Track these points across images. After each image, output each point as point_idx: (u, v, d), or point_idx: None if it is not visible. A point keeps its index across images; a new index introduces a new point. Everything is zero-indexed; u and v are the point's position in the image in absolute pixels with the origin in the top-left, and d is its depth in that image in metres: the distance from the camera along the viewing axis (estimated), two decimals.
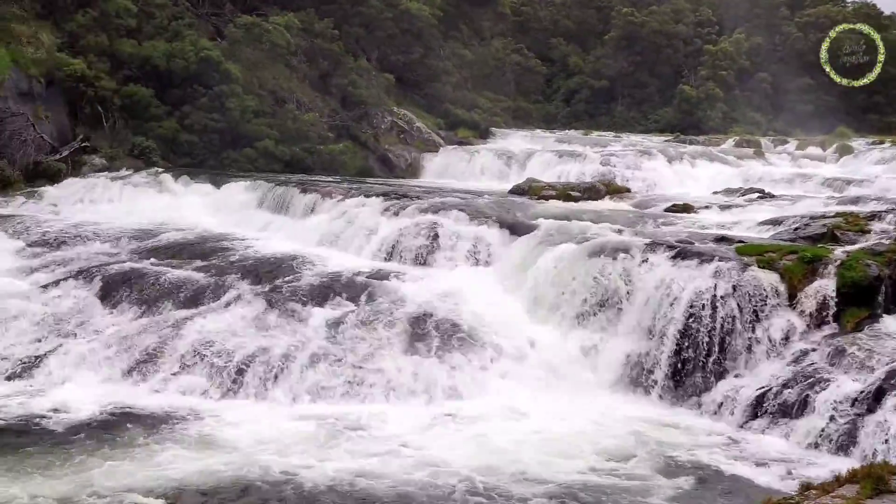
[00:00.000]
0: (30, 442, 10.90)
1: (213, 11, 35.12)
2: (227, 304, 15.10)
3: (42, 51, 27.33)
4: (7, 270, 17.38)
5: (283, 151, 29.91)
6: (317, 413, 12.16)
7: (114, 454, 10.55)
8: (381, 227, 18.76)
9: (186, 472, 10.04)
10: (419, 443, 11.26)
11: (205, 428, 11.52)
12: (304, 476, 10.00)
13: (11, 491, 9.34)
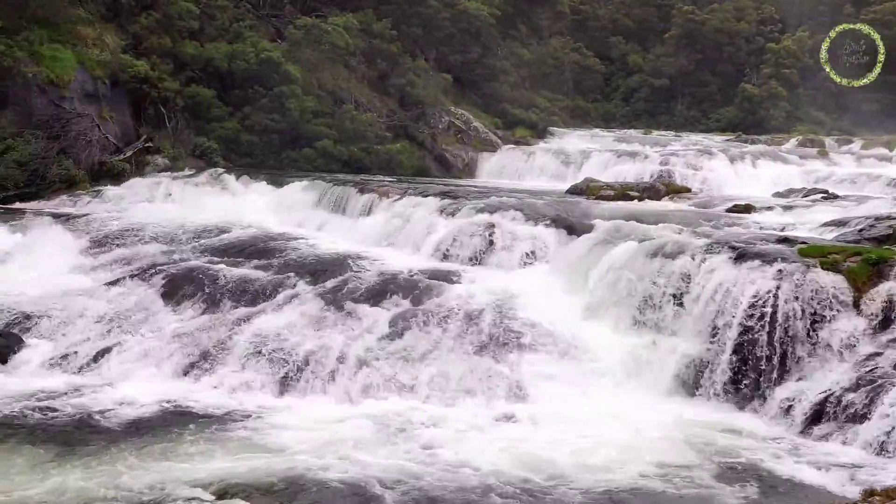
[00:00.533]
0: (90, 435, 11.12)
1: (274, 13, 35.53)
2: (284, 302, 15.25)
3: (107, 53, 27.88)
4: (72, 268, 17.79)
5: (341, 151, 30.13)
6: (372, 412, 12.20)
7: (171, 449, 10.72)
8: (437, 226, 18.78)
9: (241, 468, 10.15)
10: (473, 444, 11.22)
11: (261, 425, 11.64)
12: (359, 475, 10.03)
13: (69, 482, 9.55)
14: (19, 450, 10.49)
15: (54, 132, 24.83)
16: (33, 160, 23.90)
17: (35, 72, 25.19)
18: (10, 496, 9.09)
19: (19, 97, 25.04)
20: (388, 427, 11.69)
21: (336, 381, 13.08)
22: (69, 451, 10.54)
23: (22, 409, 11.93)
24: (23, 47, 25.22)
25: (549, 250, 17.10)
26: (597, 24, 63.02)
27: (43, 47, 26.01)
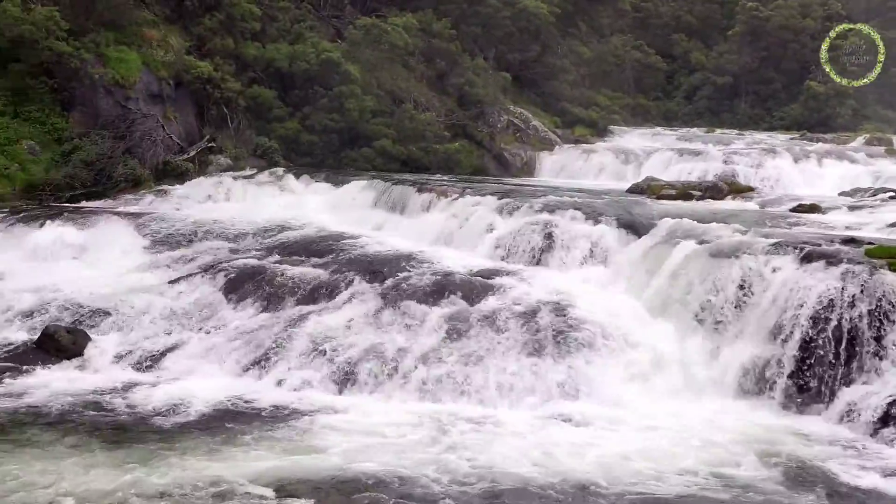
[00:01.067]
0: (152, 431, 11.33)
1: (334, 14, 35.80)
2: (343, 301, 15.36)
3: (171, 54, 28.35)
4: (137, 266, 18.12)
5: (399, 151, 30.23)
6: (429, 411, 12.23)
7: (232, 445, 10.86)
8: (495, 225, 18.74)
9: (300, 465, 10.25)
10: (531, 444, 11.18)
11: (319, 423, 11.73)
12: (415, 475, 10.05)
13: (131, 476, 9.72)
14: (84, 444, 10.71)
15: (120, 132, 25.33)
16: (100, 160, 24.41)
17: (101, 73, 25.72)
18: (72, 490, 9.29)
19: (86, 98, 25.61)
20: (443, 427, 11.69)
21: (393, 380, 13.13)
22: (132, 445, 10.74)
23: (88, 403, 12.20)
24: (90, 49, 25.77)
25: (608, 250, 16.94)
26: (659, 21, 62.25)
27: (109, 49, 26.55)
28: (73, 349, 14.18)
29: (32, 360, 13.93)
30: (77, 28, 25.77)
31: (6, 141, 23.96)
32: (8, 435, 10.93)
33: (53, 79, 25.08)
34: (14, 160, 23.80)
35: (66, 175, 23.90)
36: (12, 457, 10.14)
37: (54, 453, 10.35)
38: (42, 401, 12.26)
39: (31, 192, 23.63)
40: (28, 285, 16.71)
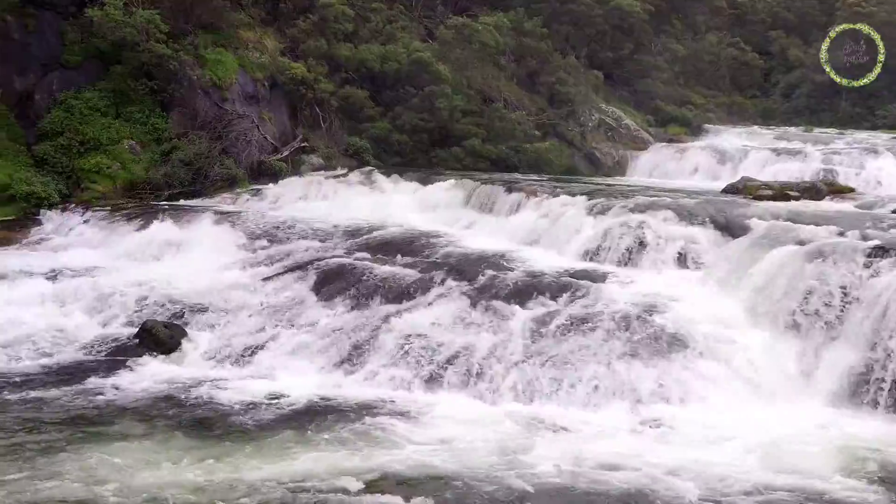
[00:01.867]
0: (244, 425, 11.54)
1: (426, 14, 35.94)
2: (432, 300, 15.39)
3: (266, 56, 28.90)
4: (232, 263, 18.50)
5: (489, 150, 30.17)
6: (517, 412, 12.16)
7: (321, 440, 10.99)
8: (585, 226, 18.53)
9: (388, 462, 10.31)
10: (620, 447, 11.01)
11: (407, 421, 11.78)
12: (502, 475, 10.00)
13: (224, 469, 9.92)
14: (176, 438, 10.97)
15: (217, 133, 25.92)
16: (197, 159, 25.01)
17: (199, 75, 26.37)
18: (164, 481, 9.51)
19: (185, 99, 26.28)
20: (532, 428, 11.62)
21: (481, 380, 13.09)
22: (223, 439, 10.97)
23: (182, 398, 12.51)
24: (188, 52, 26.44)
25: (702, 251, 16.59)
26: (755, 17, 60.70)
27: (207, 51, 27.20)
28: (169, 344, 14.56)
29: (131, 353, 14.36)
30: (176, 31, 26.46)
31: (109, 141, 24.75)
32: (104, 427, 11.27)
33: (153, 80, 25.81)
34: (116, 159, 24.59)
35: (165, 174, 24.57)
36: (107, 448, 10.43)
37: (147, 446, 10.62)
38: (138, 394, 12.62)
39: (132, 191, 24.37)
40: (129, 281, 17.24)
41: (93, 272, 18.12)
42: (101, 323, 15.73)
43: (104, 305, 16.23)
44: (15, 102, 24.98)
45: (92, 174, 24.20)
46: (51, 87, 25.38)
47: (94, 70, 25.94)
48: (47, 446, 10.46)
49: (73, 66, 25.82)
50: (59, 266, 18.68)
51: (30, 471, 9.68)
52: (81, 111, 24.95)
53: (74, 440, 10.68)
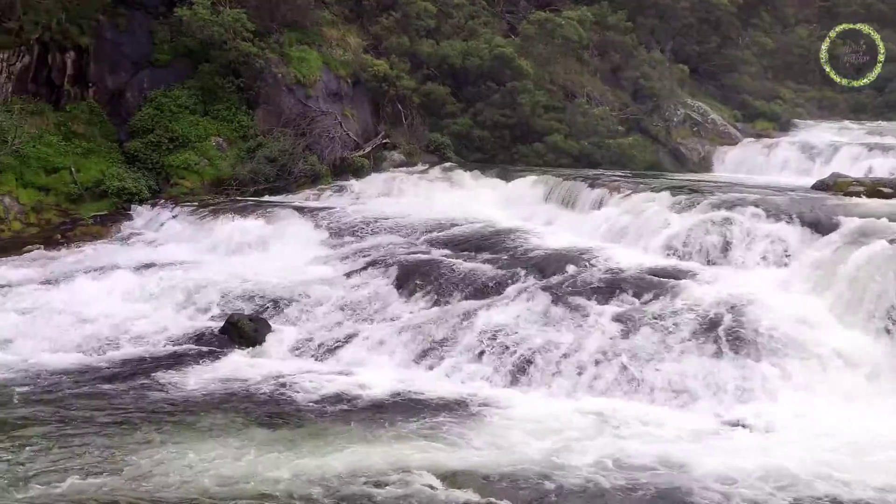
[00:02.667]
0: (325, 419, 11.67)
1: (508, 9, 35.82)
2: (512, 296, 15.34)
3: (349, 53, 29.18)
4: (315, 259, 18.74)
5: (571, 146, 29.93)
6: (598, 409, 12.03)
7: (402, 435, 11.04)
8: (670, 222, 18.21)
9: (467, 457, 10.31)
10: (702, 447, 10.81)
11: (487, 416, 11.77)
12: (583, 473, 9.92)
13: (304, 462, 10.03)
14: (258, 430, 11.14)
15: (301, 130, 26.27)
16: (282, 156, 25.40)
17: (284, 73, 26.77)
18: (245, 473, 9.65)
19: (270, 97, 26.70)
20: (613, 427, 11.49)
21: (562, 377, 13.01)
22: (306, 432, 11.10)
23: (266, 391, 12.71)
24: (274, 50, 26.87)
25: (791, 249, 16.16)
26: (847, 10, 58.85)
27: (292, 49, 27.59)
28: (254, 337, 14.81)
29: (217, 346, 14.67)
30: (262, 29, 26.91)
31: (196, 138, 25.32)
32: (189, 418, 11.51)
33: (240, 78, 26.30)
34: (203, 156, 25.14)
35: (250, 170, 25.01)
36: (191, 440, 10.65)
37: (230, 438, 10.80)
38: (223, 386, 12.87)
39: (219, 187, 24.89)
40: (215, 275, 17.61)
41: (181, 266, 18.55)
42: (189, 316, 16.09)
43: (191, 299, 16.60)
44: (107, 100, 25.76)
45: (180, 170, 24.79)
46: (141, 86, 26.09)
47: (182, 68, 26.57)
48: (142, 437, 10.74)
49: (163, 64, 26.49)
50: (149, 260, 19.20)
51: (130, 460, 9.95)
52: (171, 109, 25.57)
53: (166, 432, 10.93)
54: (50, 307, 15.79)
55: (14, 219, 22.28)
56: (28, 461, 9.74)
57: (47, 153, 23.66)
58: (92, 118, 25.24)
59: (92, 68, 25.61)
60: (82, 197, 23.37)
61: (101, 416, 11.45)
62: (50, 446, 10.21)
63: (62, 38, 24.74)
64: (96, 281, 17.42)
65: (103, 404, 11.90)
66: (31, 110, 24.29)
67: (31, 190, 23.00)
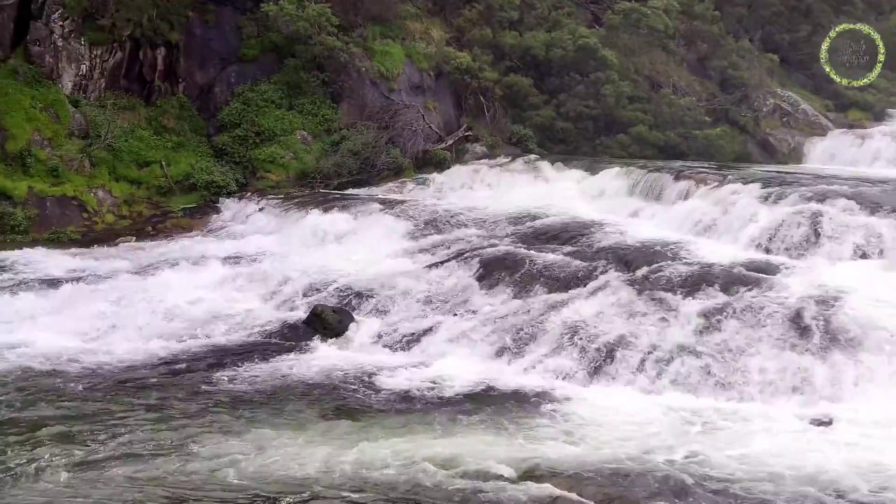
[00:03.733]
0: (406, 409, 11.74)
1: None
2: (595, 289, 15.18)
3: (432, 46, 29.26)
4: (397, 251, 18.86)
5: (656, 137, 29.48)
6: (681, 405, 11.84)
7: (481, 427, 11.05)
8: (758, 215, 17.81)
9: (546, 451, 10.24)
10: (788, 445, 10.55)
11: (568, 410, 11.68)
12: (664, 469, 9.76)
13: (383, 452, 10.10)
14: (341, 420, 11.28)
15: (384, 123, 26.47)
16: (365, 149, 25.63)
17: (368, 66, 27.00)
18: (322, 463, 9.75)
19: (354, 90, 26.96)
20: (697, 422, 11.30)
21: (645, 372, 12.83)
22: (386, 423, 11.18)
23: (348, 381, 12.85)
24: (357, 44, 27.11)
25: (884, 243, 15.65)
26: None
27: (375, 43, 27.82)
28: (338, 328, 14.99)
29: (301, 337, 14.88)
30: (346, 23, 27.18)
31: (282, 132, 25.73)
32: (272, 407, 11.70)
33: (324, 73, 26.62)
34: (289, 149, 25.52)
35: (334, 164, 25.30)
36: (272, 430, 10.80)
37: (314, 427, 10.95)
38: (307, 376, 13.05)
39: (303, 180, 25.25)
40: (300, 267, 17.87)
41: (267, 258, 18.90)
42: (274, 307, 16.36)
43: (277, 290, 16.88)
44: (196, 95, 26.34)
45: (266, 164, 25.22)
46: (229, 81, 26.61)
47: (269, 63, 27.01)
48: (225, 427, 10.95)
49: (250, 59, 26.97)
50: (236, 252, 19.62)
51: (212, 448, 10.17)
52: (257, 103, 26.03)
53: (248, 421, 11.13)
54: (141, 297, 16.23)
55: (107, 211, 22.98)
56: (114, 446, 10.00)
57: (139, 147, 24.34)
58: (182, 113, 25.86)
59: (181, 64, 26.23)
60: (172, 190, 23.97)
61: (186, 404, 11.71)
62: (135, 432, 10.48)
63: (153, 34, 25.39)
64: (186, 272, 17.86)
65: (189, 393, 12.18)
66: (123, 105, 25.02)
67: (123, 183, 23.69)
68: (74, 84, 24.42)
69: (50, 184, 22.30)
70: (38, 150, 22.49)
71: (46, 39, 24.01)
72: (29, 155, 22.25)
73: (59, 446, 9.89)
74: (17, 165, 22.15)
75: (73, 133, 23.53)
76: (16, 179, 21.83)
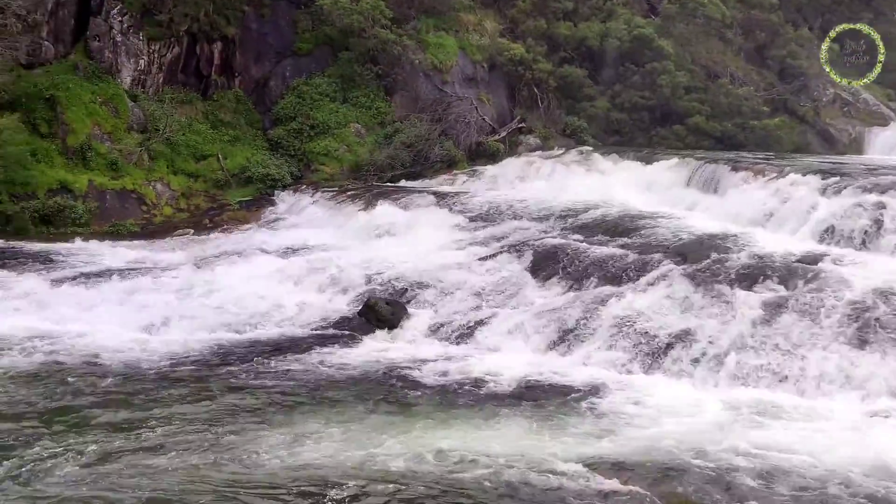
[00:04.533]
0: (459, 402, 11.71)
1: None
2: (650, 282, 15.01)
3: (486, 37, 29.21)
4: (450, 243, 18.87)
5: (713, 127, 29.10)
6: (739, 399, 11.65)
7: (537, 420, 10.98)
8: (818, 206, 17.46)
9: (602, 443, 10.17)
10: (852, 441, 10.33)
11: (624, 404, 11.56)
12: (723, 463, 9.61)
13: (435, 444, 10.08)
14: (395, 412, 11.29)
15: (437, 115, 26.52)
16: (418, 141, 25.70)
17: (421, 59, 27.04)
18: (374, 455, 9.78)
19: (407, 83, 27.04)
20: (756, 416, 11.11)
21: (703, 366, 12.66)
22: (437, 415, 11.18)
23: (401, 373, 12.86)
24: (411, 36, 27.18)
25: None
26: None
27: (429, 35, 27.85)
28: (391, 320, 15.04)
29: (355, 328, 14.96)
30: (399, 16, 27.26)
31: (336, 125, 25.91)
32: (324, 398, 11.75)
33: (378, 66, 26.73)
34: (343, 142, 25.70)
35: (387, 156, 25.40)
36: (325, 420, 10.86)
37: (364, 419, 10.98)
38: (359, 368, 13.10)
39: (357, 172, 25.42)
40: (354, 259, 17.97)
41: (321, 250, 19.05)
42: (328, 299, 16.47)
43: (331, 282, 16.98)
44: (252, 89, 26.64)
45: (321, 157, 25.42)
46: (284, 74, 26.86)
47: (323, 57, 27.21)
48: (280, 418, 11.05)
49: (305, 53, 27.19)
50: (291, 244, 19.80)
51: (265, 438, 10.28)
52: (312, 97, 26.24)
53: (302, 412, 11.18)
54: (198, 289, 16.45)
55: (166, 204, 23.36)
56: (167, 436, 10.15)
57: (196, 141, 24.70)
58: (238, 107, 26.17)
59: (237, 58, 26.54)
60: (229, 183, 24.28)
61: (240, 394, 11.82)
62: (191, 423, 10.62)
63: (210, 28, 25.73)
64: (242, 264, 18.07)
65: (244, 382, 12.32)
66: (180, 100, 25.41)
67: (181, 176, 24.07)
68: (133, 79, 24.84)
69: (110, 177, 22.73)
70: (98, 144, 22.94)
71: (106, 35, 24.45)
72: (89, 149, 22.71)
73: (115, 435, 10.07)
74: (78, 159, 22.63)
75: (132, 127, 23.95)
76: (77, 173, 22.31)
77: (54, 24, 24.04)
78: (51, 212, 21.26)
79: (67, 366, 12.63)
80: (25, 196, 21.32)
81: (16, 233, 20.54)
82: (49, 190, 21.63)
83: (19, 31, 22.83)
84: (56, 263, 18.26)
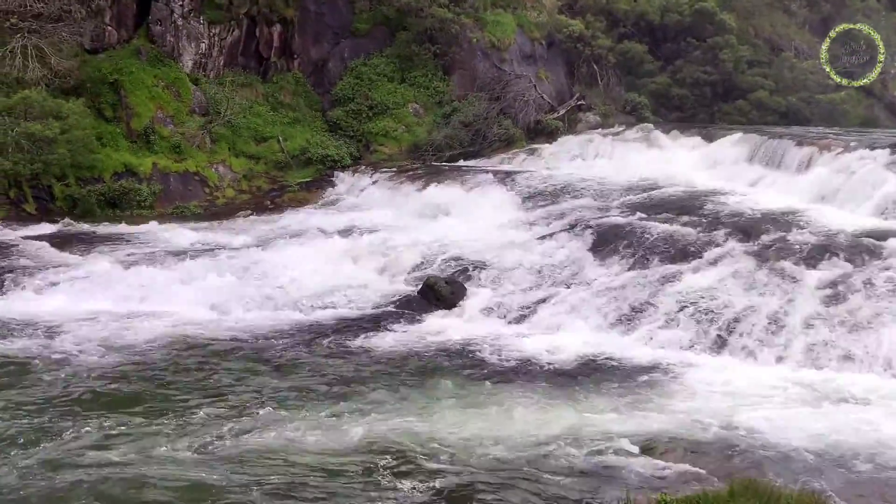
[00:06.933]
0: (518, 380, 11.74)
1: None
2: (713, 260, 14.81)
3: (544, 14, 28.96)
4: (509, 222, 18.82)
5: (777, 102, 28.52)
6: (806, 379, 11.48)
7: (597, 398, 10.96)
8: (885, 182, 17.04)
9: (664, 423, 10.10)
10: None
11: (687, 383, 11.47)
12: (788, 445, 9.47)
13: (493, 419, 10.16)
14: (455, 388, 11.34)
15: (495, 94, 26.39)
16: (476, 121, 25.63)
17: (479, 37, 26.91)
18: (434, 432, 9.82)
19: (465, 62, 26.95)
20: (823, 395, 10.94)
21: (768, 344, 12.47)
22: (497, 392, 11.21)
23: (461, 351, 12.91)
24: (469, 15, 27.04)
25: None
26: None
27: (486, 13, 27.69)
28: (450, 299, 15.07)
29: (415, 308, 15.02)
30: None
31: (394, 105, 25.96)
32: (383, 376, 11.85)
33: (435, 45, 26.66)
34: (401, 122, 25.74)
35: (445, 136, 25.38)
36: (384, 398, 10.95)
37: (425, 398, 11.03)
38: (419, 347, 13.17)
39: (415, 152, 25.45)
40: (413, 239, 18.05)
41: (381, 230, 19.13)
42: (389, 278, 16.57)
43: (391, 262, 17.07)
44: (311, 71, 26.78)
45: (379, 137, 25.51)
46: (342, 55, 26.94)
47: (380, 37, 27.22)
48: (337, 393, 11.18)
49: (363, 34, 27.23)
50: (352, 224, 19.92)
51: (323, 417, 10.40)
52: (370, 77, 26.30)
53: (359, 391, 11.26)
54: (261, 269, 16.66)
55: (228, 186, 23.67)
56: (227, 414, 10.33)
57: (257, 123, 24.95)
58: (297, 89, 26.35)
59: (296, 40, 26.67)
60: (289, 164, 24.50)
61: (307, 374, 11.98)
62: (264, 405, 10.77)
63: (269, 11, 25.89)
64: (303, 245, 18.24)
65: (306, 361, 12.47)
66: (241, 82, 25.66)
67: (242, 159, 24.35)
68: (194, 62, 25.13)
69: (173, 160, 23.10)
70: (161, 127, 23.31)
71: (167, 19, 24.75)
72: (153, 132, 23.08)
73: (200, 413, 10.28)
74: (142, 143, 23.03)
75: (194, 110, 24.27)
76: (141, 156, 22.71)
77: (117, 9, 24.41)
78: (116, 195, 21.70)
79: (136, 346, 12.91)
80: (92, 179, 21.76)
81: (83, 215, 21.01)
82: (114, 173, 22.07)
83: (83, 17, 23.26)
84: (124, 245, 18.63)
